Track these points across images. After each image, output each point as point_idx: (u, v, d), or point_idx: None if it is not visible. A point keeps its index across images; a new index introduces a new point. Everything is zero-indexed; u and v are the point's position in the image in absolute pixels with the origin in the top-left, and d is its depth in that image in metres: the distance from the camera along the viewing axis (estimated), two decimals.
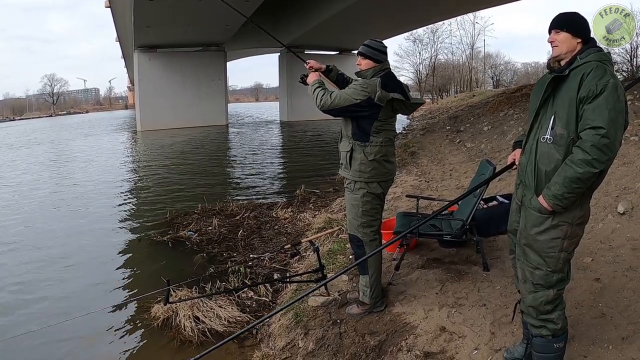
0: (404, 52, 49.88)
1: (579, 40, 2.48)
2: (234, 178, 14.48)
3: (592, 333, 3.08)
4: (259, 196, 11.28)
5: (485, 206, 5.06)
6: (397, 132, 21.48)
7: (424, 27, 46.12)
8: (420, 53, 51.92)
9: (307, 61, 4.02)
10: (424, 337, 3.38)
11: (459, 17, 48.08)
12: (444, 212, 5.21)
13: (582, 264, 4.03)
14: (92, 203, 11.66)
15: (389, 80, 3.63)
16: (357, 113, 3.55)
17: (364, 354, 3.44)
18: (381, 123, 3.59)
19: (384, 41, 3.82)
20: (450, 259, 4.53)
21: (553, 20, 2.58)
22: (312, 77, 3.84)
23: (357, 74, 3.77)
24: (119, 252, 7.72)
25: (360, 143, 3.62)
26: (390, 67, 3.82)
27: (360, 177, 3.65)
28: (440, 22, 44.21)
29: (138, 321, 5.14)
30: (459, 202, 4.98)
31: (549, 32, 2.57)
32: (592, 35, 2.56)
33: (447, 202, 5.35)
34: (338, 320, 3.95)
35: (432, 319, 3.56)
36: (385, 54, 3.76)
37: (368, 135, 3.59)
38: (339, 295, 4.40)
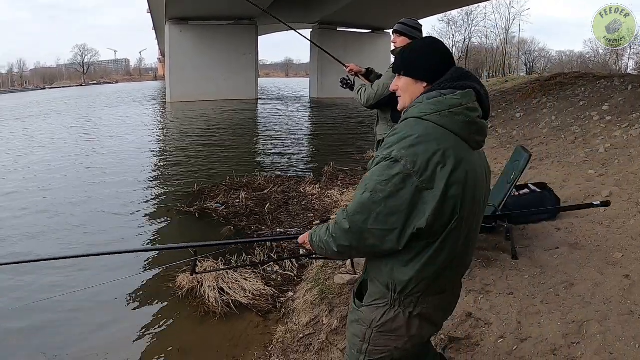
0: (437, 34, 49.00)
1: (424, 84, 1.81)
2: (262, 152, 14.49)
3: (618, 330, 3.01)
4: (287, 171, 11.26)
5: (516, 194, 5.00)
6: None
7: (459, 9, 45.33)
8: (453, 35, 51.17)
9: (347, 65, 4.01)
10: (449, 322, 3.34)
11: (494, 1, 47.14)
12: None
13: (612, 259, 3.94)
14: (120, 171, 11.83)
15: None
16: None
17: None
18: None
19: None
20: (479, 245, 4.45)
21: (395, 59, 1.95)
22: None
23: (393, 52, 3.74)
24: (146, 221, 7.83)
25: None
26: None
27: None
28: (476, 5, 43.36)
29: (163, 290, 5.20)
30: (491, 188, 4.93)
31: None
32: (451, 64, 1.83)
33: None
34: None
35: (459, 304, 3.46)
36: (421, 32, 3.73)
37: None
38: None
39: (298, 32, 5.15)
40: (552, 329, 3.09)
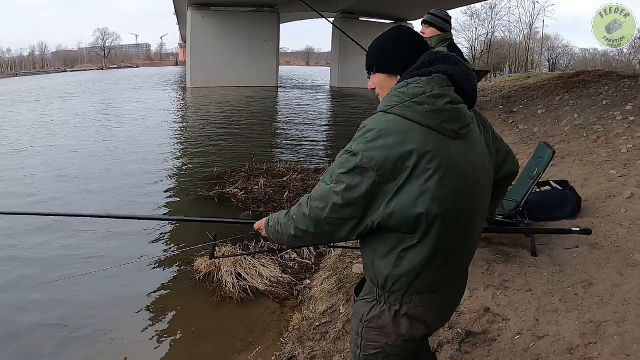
0: (459, 27, 48.44)
1: (397, 77, 1.73)
2: (281, 140, 14.52)
3: (636, 332, 2.99)
4: (306, 159, 11.31)
5: (537, 190, 4.97)
6: None
7: (483, 2, 44.75)
8: (476, 29, 50.57)
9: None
10: (467, 316, 3.36)
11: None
12: None
13: (632, 261, 3.91)
14: (140, 156, 11.97)
15: (454, 50, 3.57)
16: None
17: None
18: None
19: None
20: (499, 240, 4.43)
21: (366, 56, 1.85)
22: None
23: None
24: (166, 204, 7.94)
25: None
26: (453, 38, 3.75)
27: None
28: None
29: (181, 273, 5.29)
30: (512, 184, 4.91)
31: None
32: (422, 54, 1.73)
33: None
34: None
35: (477, 299, 3.53)
36: (450, 23, 3.71)
37: None
38: None
39: (323, 16, 5.12)
40: (570, 328, 3.08)
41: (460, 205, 1.64)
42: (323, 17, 5.06)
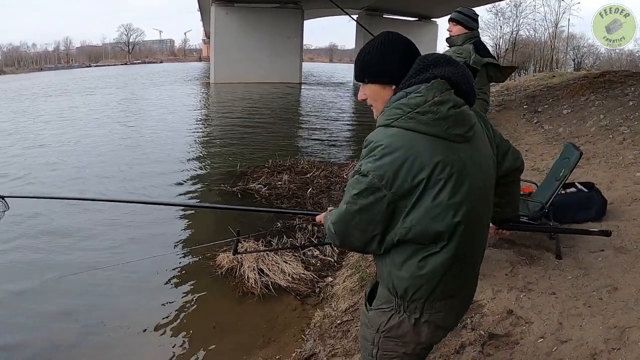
0: (484, 25, 47.80)
1: (392, 87, 1.67)
2: (305, 137, 14.53)
3: None
4: (328, 156, 11.29)
5: (563, 192, 4.91)
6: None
7: (507, 0, 44.20)
8: (501, 27, 49.89)
9: None
10: (490, 318, 3.34)
11: None
12: (520, 193, 5.12)
13: None
14: (163, 150, 12.11)
15: (481, 46, 3.57)
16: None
17: None
18: (477, 91, 3.53)
19: None
20: (523, 242, 4.39)
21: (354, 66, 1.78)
22: None
23: (448, 40, 3.71)
24: (189, 200, 8.01)
25: None
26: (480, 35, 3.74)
27: None
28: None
29: (203, 268, 5.33)
30: (538, 184, 4.87)
31: None
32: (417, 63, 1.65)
33: (527, 182, 5.24)
34: None
35: (500, 301, 3.51)
36: (477, 22, 3.70)
37: None
38: None
39: (346, 12, 5.11)
40: (593, 332, 3.05)
41: (475, 208, 1.63)
42: (347, 13, 5.05)
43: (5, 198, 2.93)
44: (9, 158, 11.30)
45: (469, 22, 3.64)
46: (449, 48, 3.69)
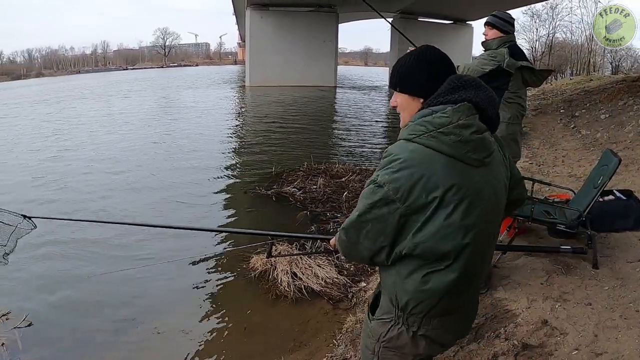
0: (520, 27, 46.86)
1: (421, 100, 1.72)
2: (339, 140, 14.50)
3: None
4: (364, 161, 11.23)
5: (601, 200, 4.81)
6: None
7: (544, 2, 43.32)
8: (537, 29, 48.90)
9: None
10: (524, 328, 3.30)
11: None
12: (556, 200, 5.04)
13: None
14: (198, 153, 12.28)
15: (516, 50, 3.54)
16: (487, 84, 3.47)
17: None
18: (512, 95, 3.51)
19: None
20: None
21: (391, 73, 1.86)
22: None
23: (483, 43, 3.70)
24: (224, 202, 8.14)
25: None
26: (516, 40, 3.71)
27: None
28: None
29: (237, 270, 5.40)
30: (575, 192, 4.79)
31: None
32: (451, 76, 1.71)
33: (564, 189, 5.17)
34: None
35: (535, 310, 3.46)
36: (513, 25, 3.68)
37: None
38: None
39: (382, 15, 5.09)
40: (630, 345, 2.99)
41: (485, 231, 1.66)
42: (382, 16, 5.06)
43: (32, 218, 3.05)
44: (43, 161, 11.64)
45: (505, 26, 3.62)
46: (484, 51, 3.68)
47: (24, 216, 3.06)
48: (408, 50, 3.86)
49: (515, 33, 3.84)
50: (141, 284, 5.22)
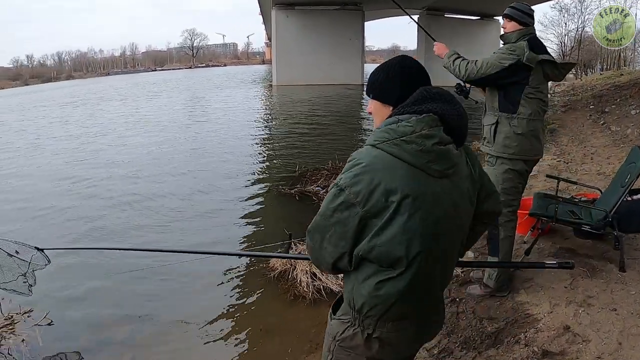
0: (548, 22, 45.82)
1: (391, 107, 1.75)
2: (363, 139, 14.34)
3: None
4: None
5: (629, 198, 4.62)
6: None
7: None
8: (566, 24, 47.80)
9: (435, 43, 3.85)
10: (545, 334, 3.17)
11: None
12: (583, 199, 4.86)
13: None
14: (225, 151, 12.39)
15: (536, 43, 3.39)
16: (506, 79, 3.32)
17: (479, 339, 3.30)
18: (532, 90, 3.34)
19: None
20: (585, 252, 4.17)
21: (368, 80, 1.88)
22: (441, 48, 3.68)
23: (502, 37, 3.55)
24: (247, 200, 8.16)
25: (506, 115, 3.38)
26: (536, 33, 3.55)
27: (504, 152, 3.40)
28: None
29: (256, 270, 5.38)
30: (602, 191, 4.61)
31: None
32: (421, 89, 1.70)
33: (591, 188, 4.99)
34: (457, 299, 3.81)
35: (557, 315, 3.32)
36: (532, 17, 3.49)
37: (516, 106, 3.34)
38: (461, 272, 4.22)
39: (405, 12, 4.94)
40: None
41: (441, 242, 1.67)
42: (405, 12, 4.92)
43: (44, 250, 3.09)
44: (71, 163, 11.90)
45: (523, 18, 3.45)
46: (502, 45, 3.53)
47: (37, 248, 3.10)
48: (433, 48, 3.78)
49: (543, 27, 3.67)
50: (159, 282, 5.24)
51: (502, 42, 3.51)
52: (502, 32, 3.55)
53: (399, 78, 1.74)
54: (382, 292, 1.66)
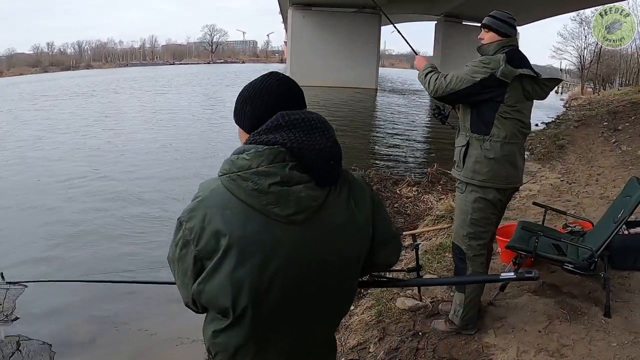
0: (568, 34, 45.19)
1: (247, 134, 1.55)
2: (371, 144, 14.38)
3: None
4: (391, 167, 11.07)
5: (626, 231, 4.22)
6: (550, 120, 19.50)
7: (593, 8, 41.72)
8: (586, 37, 47.03)
9: (416, 55, 3.51)
10: None
11: (630, 1, 42.63)
12: (577, 229, 4.49)
13: None
14: (229, 151, 12.38)
15: (516, 56, 2.99)
16: (478, 96, 2.94)
17: None
18: (508, 109, 2.91)
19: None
20: (569, 290, 3.75)
21: None
22: (421, 62, 3.31)
23: (479, 49, 3.15)
24: None
25: (478, 136, 2.99)
26: (518, 44, 3.16)
27: (473, 177, 3.01)
28: (611, 5, 39.55)
29: None
30: (594, 224, 4.23)
31: None
32: None
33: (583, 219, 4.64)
34: (420, 333, 3.48)
35: None
36: (514, 27, 3.10)
37: (489, 126, 2.95)
38: (431, 302, 3.89)
39: (389, 19, 4.59)
40: None
41: (288, 295, 1.39)
42: (391, 22, 4.58)
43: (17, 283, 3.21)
44: (83, 152, 12.34)
45: (503, 28, 3.05)
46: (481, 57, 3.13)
47: (9, 282, 3.17)
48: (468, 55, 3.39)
49: (563, 40, 3.29)
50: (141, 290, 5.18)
51: (480, 55, 3.11)
52: (479, 44, 3.17)
53: (257, 101, 1.47)
54: (219, 340, 1.46)
